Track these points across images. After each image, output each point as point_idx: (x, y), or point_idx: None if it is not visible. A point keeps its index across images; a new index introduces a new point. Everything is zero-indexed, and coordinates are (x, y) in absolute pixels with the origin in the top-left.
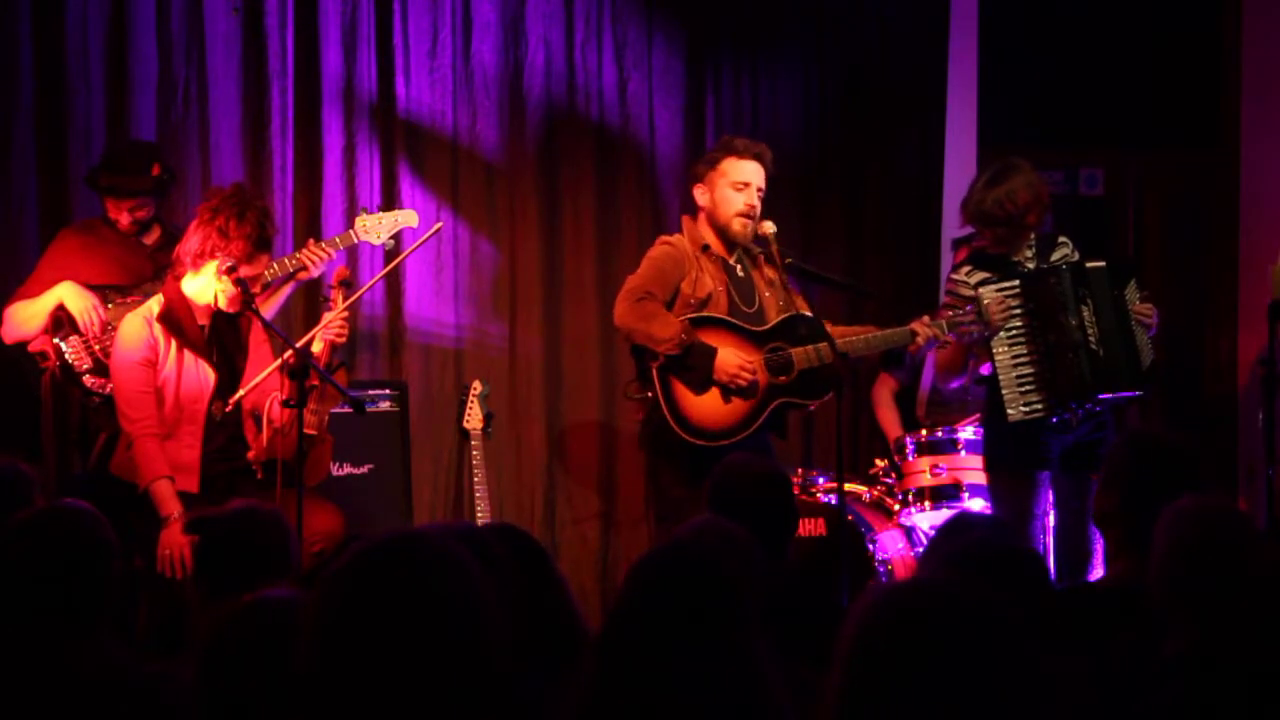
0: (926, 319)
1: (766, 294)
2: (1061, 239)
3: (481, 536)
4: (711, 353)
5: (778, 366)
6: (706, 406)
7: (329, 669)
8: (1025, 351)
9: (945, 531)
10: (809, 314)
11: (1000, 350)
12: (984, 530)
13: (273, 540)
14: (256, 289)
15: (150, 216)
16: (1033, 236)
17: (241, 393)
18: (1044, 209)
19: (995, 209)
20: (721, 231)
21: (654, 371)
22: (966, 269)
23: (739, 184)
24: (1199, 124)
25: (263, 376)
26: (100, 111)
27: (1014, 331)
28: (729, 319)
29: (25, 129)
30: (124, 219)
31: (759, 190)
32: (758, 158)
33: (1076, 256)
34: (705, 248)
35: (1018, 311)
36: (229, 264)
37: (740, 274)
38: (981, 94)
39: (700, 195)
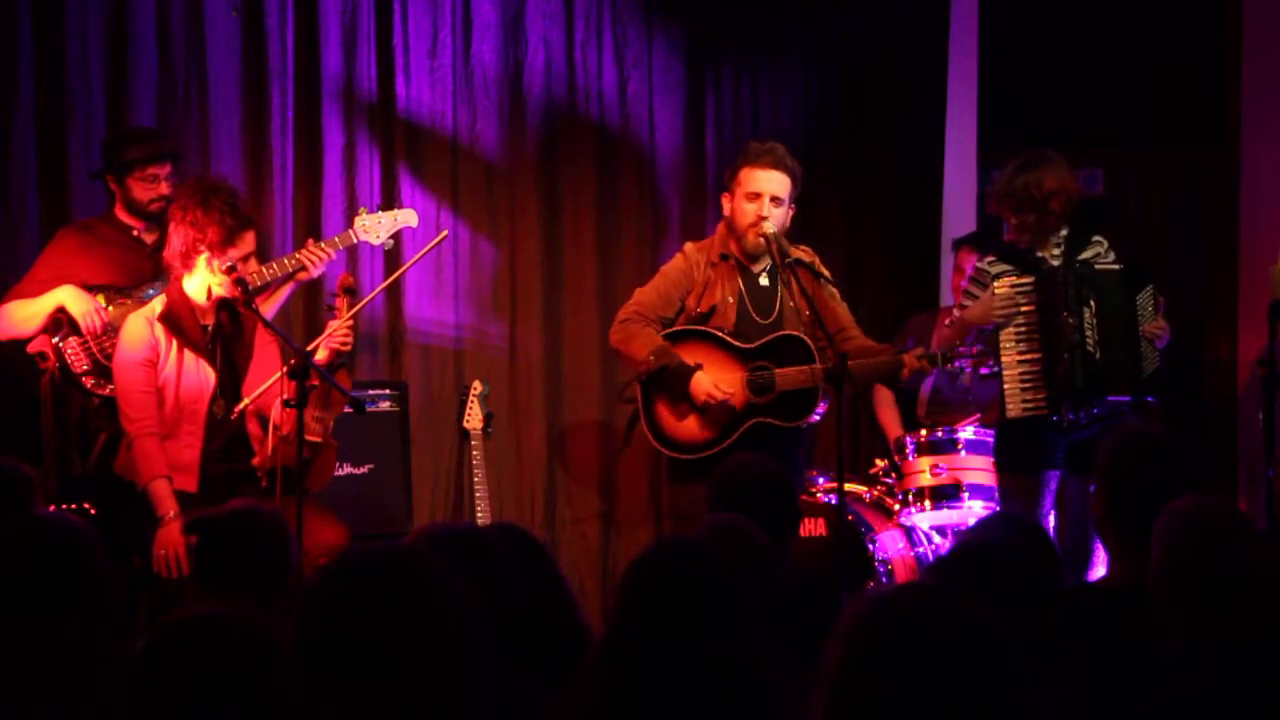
0: (920, 350)
1: (791, 304)
2: (1096, 238)
3: (481, 539)
4: (688, 374)
5: (759, 386)
6: (683, 421)
7: (309, 689)
8: (1028, 349)
9: (966, 533)
10: (800, 335)
11: (1007, 346)
12: (985, 533)
13: (272, 541)
14: (252, 267)
15: (171, 192)
16: (1063, 234)
17: (246, 401)
18: (1069, 200)
19: (1021, 191)
20: (739, 241)
21: (637, 385)
22: (990, 259)
23: (750, 194)
24: (1199, 123)
25: (268, 385)
26: (100, 111)
27: (1021, 328)
28: (716, 333)
29: (25, 129)
30: (161, 189)
31: (774, 199)
32: (774, 165)
33: (1110, 258)
34: (724, 256)
35: (1027, 308)
36: (227, 264)
37: (764, 283)
38: (981, 94)
39: (725, 204)
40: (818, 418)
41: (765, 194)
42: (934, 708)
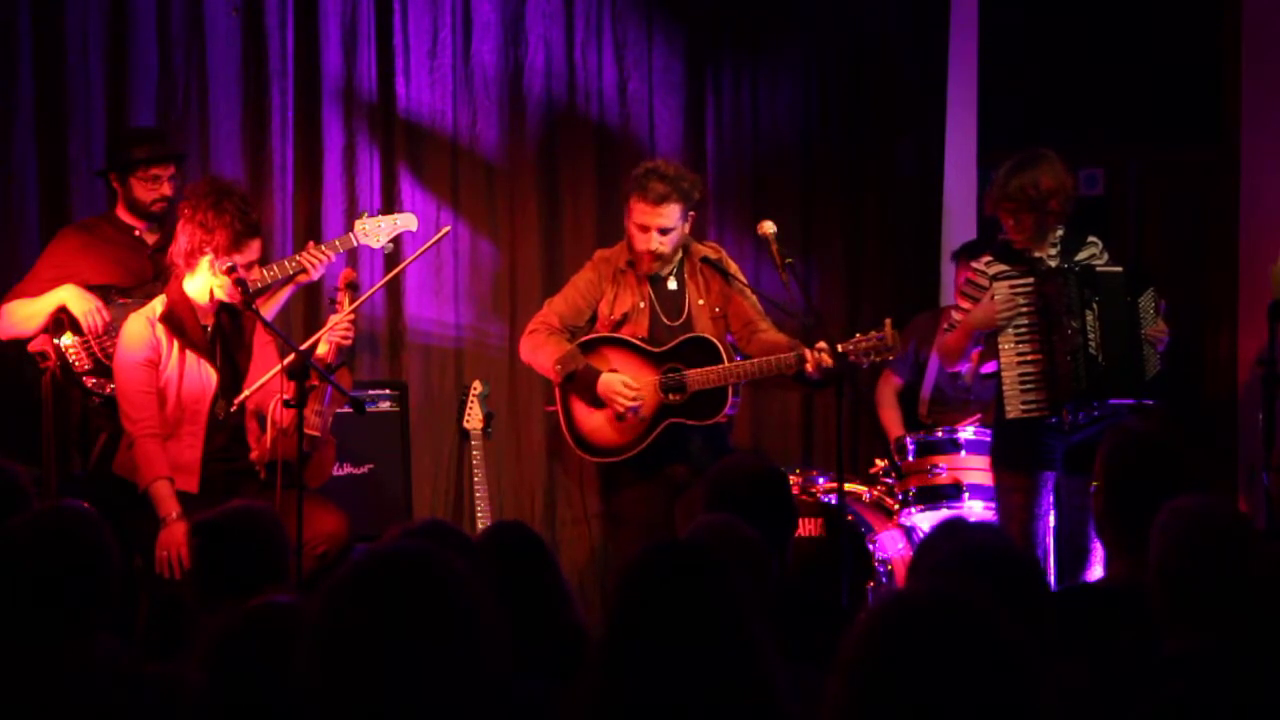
0: (823, 344)
1: (699, 303)
2: (1091, 239)
3: (461, 538)
4: (595, 376)
5: (671, 386)
6: (600, 424)
7: (327, 683)
8: (1029, 350)
9: (938, 535)
10: (710, 337)
11: (1006, 346)
12: (978, 534)
13: (271, 540)
14: (255, 274)
15: (174, 194)
16: (1059, 234)
17: (246, 393)
18: (1068, 198)
19: (1018, 193)
20: (635, 261)
21: (556, 390)
22: (987, 259)
23: (639, 225)
24: (1199, 123)
25: (266, 379)
26: (100, 110)
27: (1021, 329)
28: (628, 339)
29: (25, 128)
30: (164, 190)
31: (661, 230)
32: (657, 201)
33: (1105, 258)
34: (631, 263)
35: (1026, 309)
36: (228, 265)
37: (672, 285)
38: (982, 94)
39: (626, 220)
40: (731, 414)
41: (653, 227)
42: (953, 709)
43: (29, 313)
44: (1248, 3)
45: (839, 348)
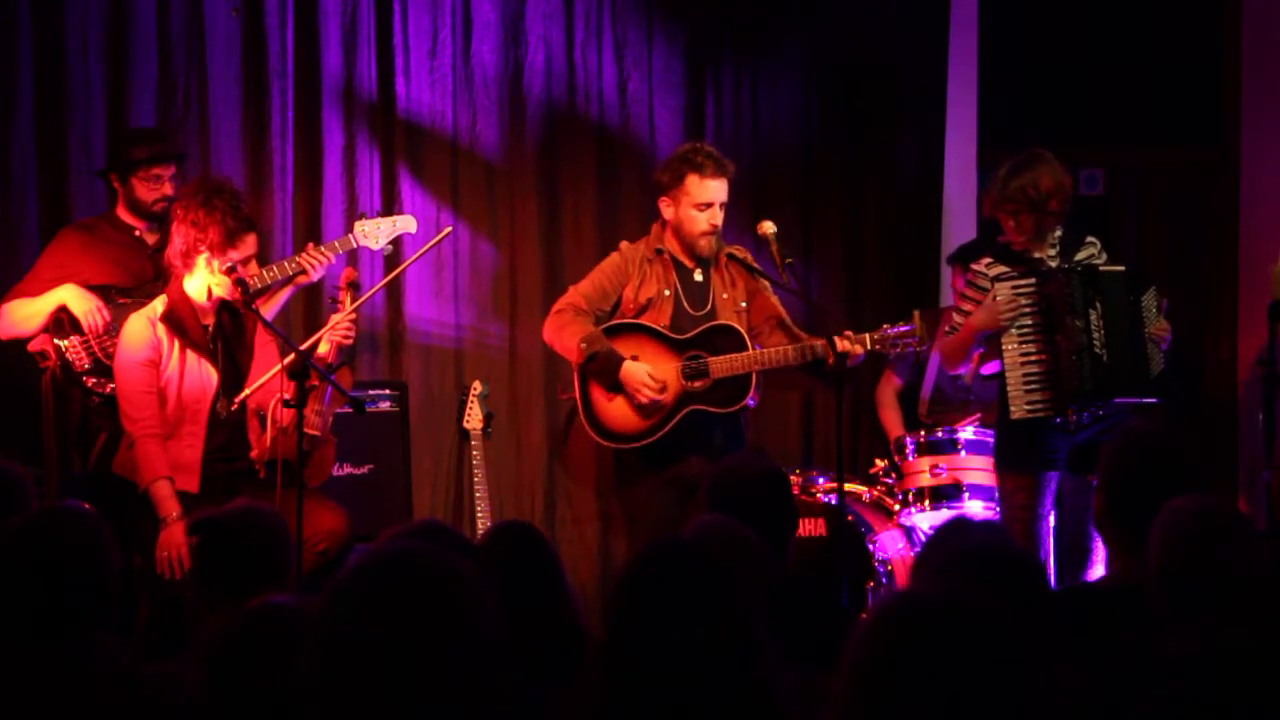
0: (850, 334)
1: (724, 295)
2: (1090, 239)
3: (457, 538)
4: (618, 362)
5: (693, 373)
6: (619, 410)
7: (328, 684)
8: (1033, 350)
9: (942, 535)
10: (734, 325)
11: (1010, 347)
12: (981, 534)
13: (275, 541)
14: (252, 270)
15: (174, 193)
16: (1057, 234)
17: (247, 392)
18: (1066, 198)
19: (1018, 194)
20: (686, 244)
21: (575, 373)
22: (987, 261)
23: (701, 204)
24: (1199, 123)
25: (268, 377)
26: (100, 111)
27: (1024, 329)
28: (651, 326)
29: (25, 128)
30: (165, 189)
31: (721, 205)
32: (719, 173)
33: (1104, 258)
34: (659, 252)
35: (1029, 309)
36: (228, 265)
37: (698, 277)
38: (982, 94)
39: (666, 209)
40: (753, 403)
41: (715, 202)
42: (956, 709)
43: (29, 312)
44: (1248, 3)
45: (867, 338)
